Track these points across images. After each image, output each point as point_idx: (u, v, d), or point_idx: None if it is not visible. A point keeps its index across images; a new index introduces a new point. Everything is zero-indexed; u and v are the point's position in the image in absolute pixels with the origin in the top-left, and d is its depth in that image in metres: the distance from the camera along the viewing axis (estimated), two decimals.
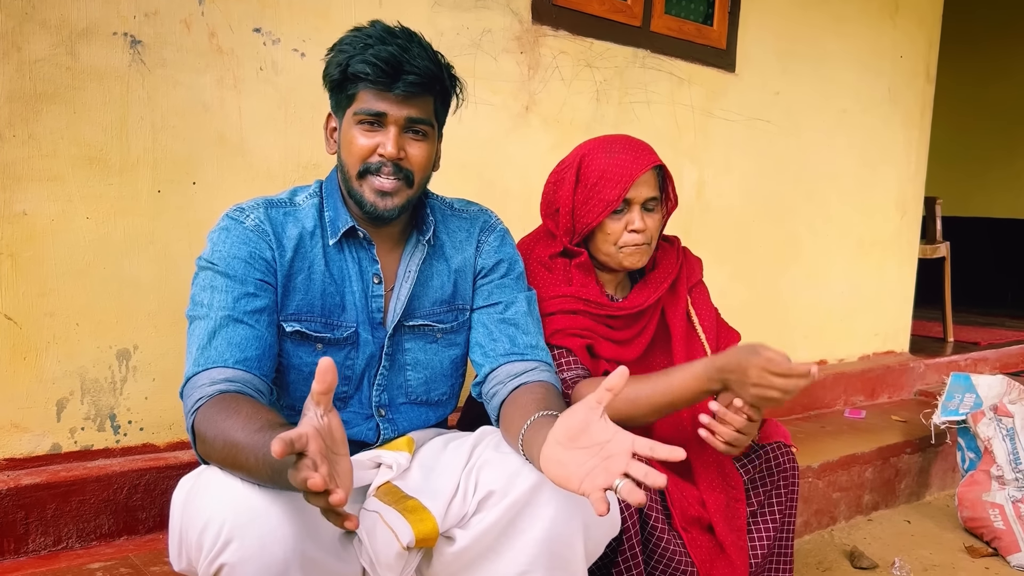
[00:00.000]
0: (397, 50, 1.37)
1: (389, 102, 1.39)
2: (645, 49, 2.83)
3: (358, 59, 1.37)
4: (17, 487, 1.71)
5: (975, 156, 6.68)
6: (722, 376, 1.46)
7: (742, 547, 1.66)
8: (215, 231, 1.43)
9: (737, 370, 1.43)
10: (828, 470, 2.78)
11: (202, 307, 1.37)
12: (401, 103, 1.40)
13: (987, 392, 2.96)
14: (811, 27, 3.37)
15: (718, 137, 3.12)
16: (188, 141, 1.94)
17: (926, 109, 3.98)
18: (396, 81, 1.37)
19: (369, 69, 1.36)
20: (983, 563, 2.64)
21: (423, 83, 1.40)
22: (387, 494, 1.37)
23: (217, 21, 1.95)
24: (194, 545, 1.17)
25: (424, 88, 1.41)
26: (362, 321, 1.50)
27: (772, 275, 3.41)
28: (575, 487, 1.13)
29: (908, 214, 4.01)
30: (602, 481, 1.11)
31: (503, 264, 1.62)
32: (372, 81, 1.38)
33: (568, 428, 1.17)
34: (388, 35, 1.39)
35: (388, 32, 1.40)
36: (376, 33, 1.39)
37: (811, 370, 1.39)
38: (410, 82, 1.38)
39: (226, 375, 1.30)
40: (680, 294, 1.84)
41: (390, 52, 1.36)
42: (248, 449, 1.15)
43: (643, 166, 1.67)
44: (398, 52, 1.37)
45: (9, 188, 1.73)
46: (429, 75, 1.40)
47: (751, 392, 1.43)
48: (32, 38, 1.73)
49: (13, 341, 1.76)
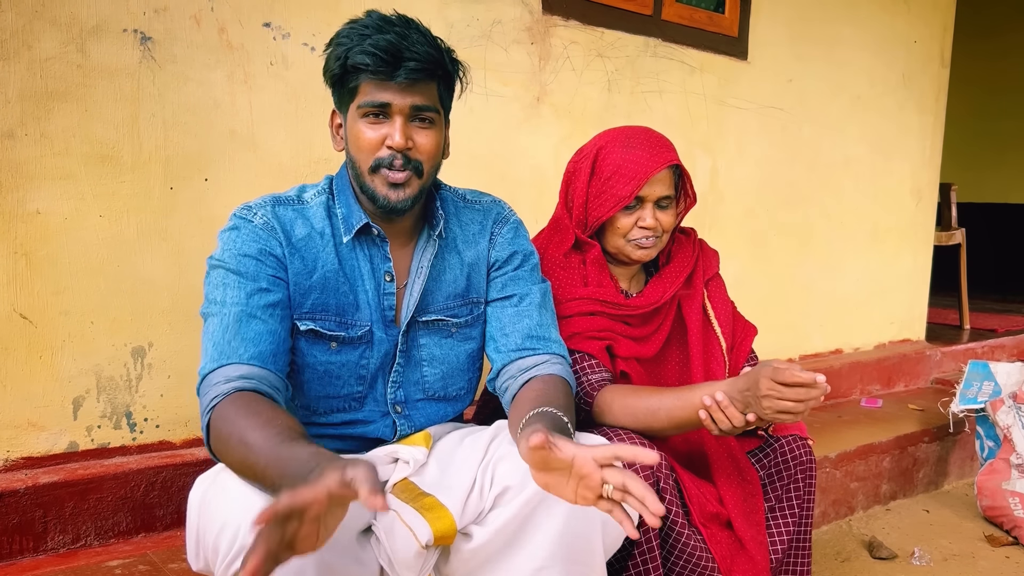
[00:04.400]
0: (395, 37, 1.34)
1: (392, 91, 1.37)
2: (656, 38, 2.81)
3: (356, 50, 1.35)
4: (35, 486, 1.72)
5: (991, 142, 6.62)
6: (743, 398, 1.45)
7: (762, 542, 1.64)
8: (224, 231, 1.42)
9: (752, 388, 1.43)
10: (845, 460, 2.76)
11: (215, 304, 1.36)
12: (404, 91, 1.37)
13: (1006, 380, 2.93)
14: (824, 13, 3.34)
15: (731, 126, 3.09)
16: (199, 137, 1.93)
17: (941, 94, 3.94)
18: (397, 69, 1.35)
19: (368, 59, 1.34)
20: (1003, 552, 2.62)
21: (425, 69, 1.37)
22: (404, 490, 1.37)
23: (227, 16, 1.94)
24: (211, 548, 1.17)
25: (426, 74, 1.38)
26: (376, 319, 1.49)
27: (786, 264, 3.38)
28: (572, 502, 1.16)
29: (923, 201, 3.97)
30: (592, 496, 1.12)
31: (517, 256, 1.61)
32: (373, 71, 1.35)
33: (532, 464, 1.17)
34: (385, 23, 1.37)
35: (384, 20, 1.38)
36: (372, 23, 1.37)
37: (816, 378, 1.38)
38: (412, 68, 1.35)
39: (241, 371, 1.30)
40: (696, 288, 1.82)
41: (388, 40, 1.34)
42: (260, 454, 1.14)
43: (658, 164, 1.65)
44: (396, 39, 1.34)
45: (22, 187, 1.73)
46: (430, 60, 1.38)
47: (765, 406, 1.42)
48: (42, 36, 1.72)
49: (29, 340, 1.77)
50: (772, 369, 1.40)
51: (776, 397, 1.40)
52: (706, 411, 1.49)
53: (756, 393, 1.42)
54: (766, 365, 1.43)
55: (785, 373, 1.38)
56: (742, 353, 1.83)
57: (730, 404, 1.47)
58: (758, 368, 1.44)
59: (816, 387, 1.39)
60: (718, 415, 1.48)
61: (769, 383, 1.40)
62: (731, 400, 1.47)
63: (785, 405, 1.40)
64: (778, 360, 1.44)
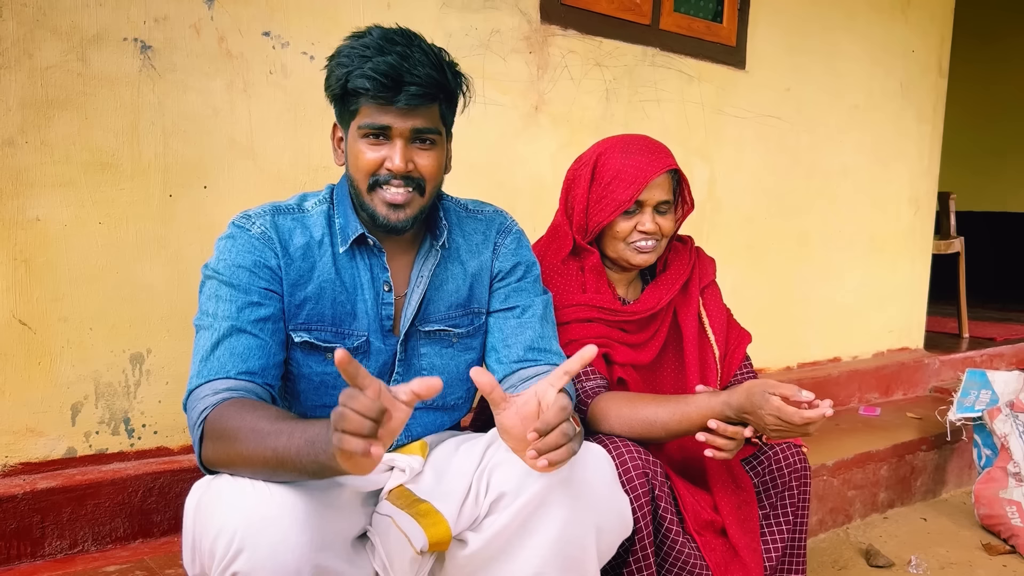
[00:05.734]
0: (396, 59, 1.32)
1: (392, 115, 1.35)
2: (654, 47, 2.82)
3: (356, 73, 1.33)
4: (33, 491, 1.73)
5: (989, 151, 6.63)
6: (740, 415, 1.51)
7: (755, 549, 1.65)
8: (221, 239, 1.42)
9: (752, 412, 1.49)
10: (843, 468, 2.76)
11: (207, 316, 1.36)
12: (405, 115, 1.36)
13: (1003, 388, 2.93)
14: (822, 23, 3.35)
15: (729, 134, 3.10)
16: (198, 145, 1.94)
17: (939, 104, 3.95)
18: (398, 94, 1.33)
19: (368, 84, 1.32)
20: (1001, 560, 2.62)
21: (426, 94, 1.35)
22: (399, 497, 1.38)
23: (226, 25, 1.96)
24: (207, 553, 1.17)
25: (428, 98, 1.36)
26: (373, 329, 1.49)
27: (784, 272, 3.39)
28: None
29: (921, 210, 3.98)
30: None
31: (520, 267, 1.61)
32: (372, 96, 1.34)
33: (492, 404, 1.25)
34: (386, 43, 1.34)
35: (386, 40, 1.34)
36: (373, 43, 1.34)
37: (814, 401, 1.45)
38: (412, 94, 1.33)
39: (228, 385, 1.30)
40: (692, 295, 1.83)
41: (389, 64, 1.31)
42: (278, 430, 1.15)
43: (657, 169, 1.67)
44: (397, 62, 1.32)
45: (22, 194, 1.74)
46: (432, 84, 1.35)
47: (772, 432, 1.50)
48: (43, 45, 1.74)
49: (28, 346, 1.78)
50: (775, 408, 1.45)
51: (785, 424, 1.46)
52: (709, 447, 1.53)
53: (761, 423, 1.49)
54: (762, 395, 1.47)
55: (785, 411, 1.44)
56: (735, 360, 1.84)
57: (727, 427, 1.51)
58: (755, 394, 1.48)
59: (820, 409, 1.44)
60: (718, 441, 1.52)
61: (775, 420, 1.46)
62: (725, 416, 1.52)
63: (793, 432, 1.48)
64: (773, 384, 1.49)
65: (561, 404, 1.19)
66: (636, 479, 1.50)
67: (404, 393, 1.11)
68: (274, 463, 1.16)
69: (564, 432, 1.17)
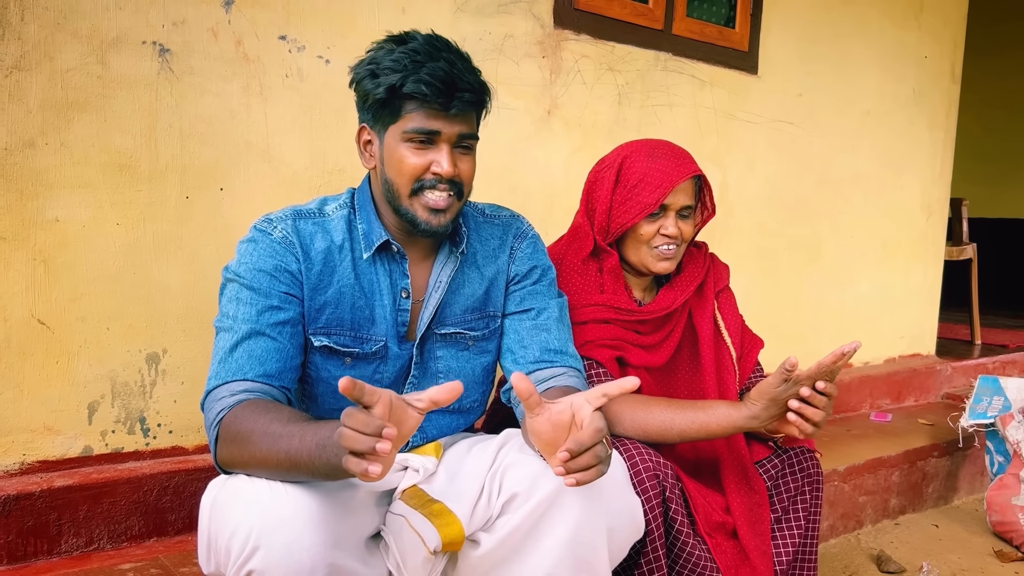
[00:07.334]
0: (447, 66, 1.34)
1: (442, 120, 1.37)
2: (667, 52, 2.83)
3: (413, 79, 1.33)
4: (50, 489, 1.74)
5: (1002, 157, 6.59)
6: (766, 417, 1.54)
7: (766, 552, 1.65)
8: (243, 242, 1.43)
9: (776, 400, 1.52)
10: (854, 473, 2.76)
11: (227, 318, 1.38)
12: (453, 121, 1.38)
13: (1016, 395, 2.92)
14: (834, 28, 3.35)
15: (741, 139, 3.11)
16: (215, 148, 1.96)
17: (951, 110, 3.94)
18: (452, 100, 1.35)
19: (427, 89, 1.33)
20: (1013, 567, 2.61)
21: (475, 100, 1.39)
22: (412, 497, 1.38)
23: (243, 29, 1.98)
24: (222, 551, 1.19)
25: (476, 104, 1.41)
26: (391, 335, 1.50)
27: (796, 278, 3.39)
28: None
29: (934, 216, 3.97)
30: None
31: (536, 271, 1.62)
32: (427, 101, 1.35)
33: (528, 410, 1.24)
34: (434, 49, 1.36)
35: (433, 46, 1.36)
36: (422, 48, 1.35)
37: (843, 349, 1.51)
38: (466, 100, 1.37)
39: (246, 387, 1.31)
40: (707, 297, 1.84)
41: (444, 70, 1.34)
42: (290, 433, 1.16)
43: (683, 174, 1.69)
44: (449, 68, 1.34)
45: (42, 195, 1.76)
46: (480, 90, 1.40)
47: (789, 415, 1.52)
48: (63, 48, 1.76)
49: (46, 345, 1.80)
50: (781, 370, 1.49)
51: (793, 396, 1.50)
52: (796, 413, 1.53)
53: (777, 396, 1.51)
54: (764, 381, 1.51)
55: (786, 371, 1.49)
56: (748, 365, 1.85)
57: (817, 396, 1.52)
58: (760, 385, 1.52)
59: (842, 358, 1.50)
60: (809, 411, 1.52)
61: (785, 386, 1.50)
62: (746, 428, 1.57)
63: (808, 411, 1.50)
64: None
65: (597, 426, 1.19)
66: (647, 481, 1.50)
67: (421, 401, 1.12)
68: (287, 465, 1.17)
69: (596, 454, 1.18)
